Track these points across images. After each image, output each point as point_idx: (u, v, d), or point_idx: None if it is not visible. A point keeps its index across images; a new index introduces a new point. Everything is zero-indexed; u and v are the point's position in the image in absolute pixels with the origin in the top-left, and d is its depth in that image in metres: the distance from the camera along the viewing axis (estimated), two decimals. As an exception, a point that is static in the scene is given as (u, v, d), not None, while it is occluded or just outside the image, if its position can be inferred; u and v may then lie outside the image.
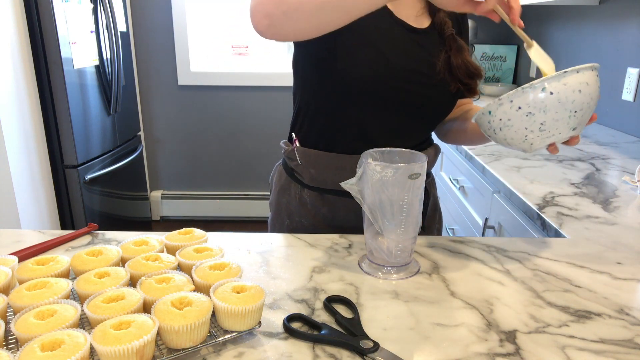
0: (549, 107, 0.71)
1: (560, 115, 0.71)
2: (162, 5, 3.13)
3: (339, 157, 0.94)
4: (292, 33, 0.74)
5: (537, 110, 0.71)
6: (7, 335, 0.59)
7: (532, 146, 0.76)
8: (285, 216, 1.03)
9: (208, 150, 3.41)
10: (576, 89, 0.71)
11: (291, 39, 0.77)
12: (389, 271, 0.77)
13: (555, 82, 0.71)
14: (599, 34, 2.10)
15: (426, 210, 1.04)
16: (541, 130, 0.73)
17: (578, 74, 0.71)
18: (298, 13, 0.70)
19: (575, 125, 0.73)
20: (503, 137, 0.77)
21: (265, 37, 0.76)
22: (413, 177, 0.72)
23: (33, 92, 2.21)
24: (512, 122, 0.74)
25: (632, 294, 0.73)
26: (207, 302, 0.59)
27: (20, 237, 0.89)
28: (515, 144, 0.77)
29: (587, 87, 0.71)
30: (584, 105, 0.72)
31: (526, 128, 0.73)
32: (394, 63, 0.88)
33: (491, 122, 0.76)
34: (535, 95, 0.71)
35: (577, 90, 0.71)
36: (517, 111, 0.73)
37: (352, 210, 0.96)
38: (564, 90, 0.70)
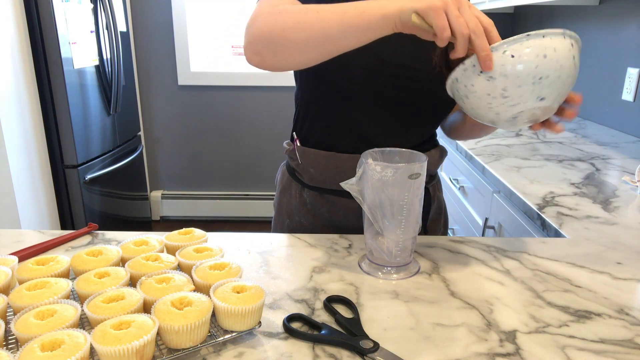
0: (509, 71, 0.66)
1: (523, 81, 0.66)
2: (162, 5, 3.13)
3: (338, 157, 0.94)
4: (282, 67, 0.79)
5: (498, 75, 0.66)
6: (7, 335, 0.59)
7: (498, 116, 0.71)
8: (285, 216, 1.04)
9: (208, 150, 3.41)
10: (540, 53, 0.65)
11: (282, 70, 0.81)
12: (389, 271, 0.77)
13: (516, 45, 0.66)
14: (599, 34, 2.10)
15: (428, 213, 1.02)
16: (504, 97, 0.68)
17: (544, 38, 0.66)
18: (285, 52, 0.74)
19: (543, 95, 0.68)
20: (470, 107, 0.73)
21: (260, 68, 0.81)
22: (413, 177, 0.72)
23: (33, 92, 2.21)
24: (475, 87, 0.69)
25: (632, 294, 0.73)
26: (207, 302, 0.59)
27: (20, 237, 0.89)
28: (482, 113, 0.72)
29: (554, 53, 0.66)
30: (550, 72, 0.66)
31: (488, 94, 0.69)
32: (386, 60, 0.87)
33: (459, 89, 0.72)
34: (496, 58, 0.66)
35: (541, 55, 0.65)
36: (479, 75, 0.68)
37: (351, 211, 0.96)
38: (526, 54, 0.65)
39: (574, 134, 1.88)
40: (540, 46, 0.65)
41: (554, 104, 0.71)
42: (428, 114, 0.97)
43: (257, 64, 0.80)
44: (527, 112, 0.71)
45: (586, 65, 2.20)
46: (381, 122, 0.93)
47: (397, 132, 0.94)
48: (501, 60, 0.66)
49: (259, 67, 0.81)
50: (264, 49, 0.76)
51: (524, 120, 0.72)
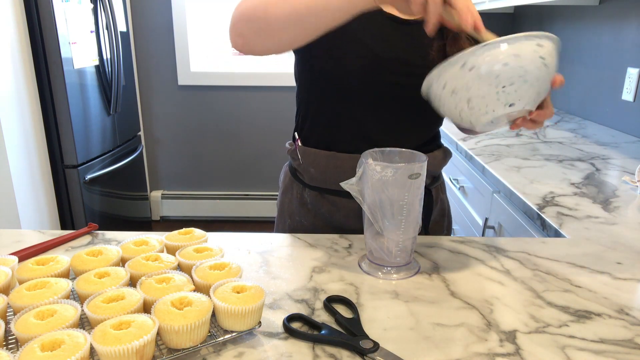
0: (470, 84, 0.65)
1: (486, 92, 0.65)
2: (162, 6, 3.13)
3: (338, 157, 0.94)
4: (265, 49, 0.78)
5: (460, 88, 0.66)
6: (7, 335, 0.59)
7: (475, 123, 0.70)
8: (287, 216, 1.04)
9: (208, 150, 3.41)
10: (500, 62, 0.63)
11: (266, 54, 0.80)
12: (389, 271, 0.77)
13: (472, 57, 0.64)
14: (599, 34, 2.10)
15: (430, 214, 1.01)
16: (470, 108, 0.67)
17: (502, 46, 0.64)
18: (268, 29, 0.74)
19: (511, 101, 0.66)
20: (447, 114, 0.72)
21: (243, 53, 0.81)
22: (413, 177, 0.72)
23: (33, 92, 2.21)
24: (443, 101, 0.69)
25: (632, 294, 0.73)
26: (207, 302, 0.59)
27: (20, 237, 0.89)
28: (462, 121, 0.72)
29: (516, 59, 0.64)
30: (514, 79, 0.64)
31: (455, 107, 0.69)
32: (382, 56, 0.87)
33: (431, 101, 0.72)
34: (455, 72, 0.65)
35: (501, 63, 0.64)
36: (443, 90, 0.68)
37: (351, 211, 0.96)
38: (484, 65, 0.64)
39: (574, 134, 1.88)
40: (498, 55, 0.64)
41: (527, 107, 0.69)
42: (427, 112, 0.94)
43: (240, 47, 0.78)
44: (501, 118, 0.70)
45: (586, 65, 2.20)
46: (380, 120, 0.92)
47: (397, 130, 0.94)
48: (460, 74, 0.65)
49: (242, 50, 0.79)
50: (247, 29, 0.75)
51: (501, 124, 0.72)
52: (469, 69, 0.65)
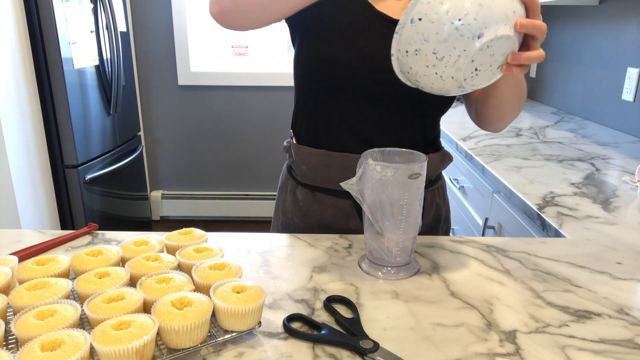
0: (426, 33, 0.61)
1: (445, 33, 0.60)
2: (162, 5, 3.13)
3: (329, 155, 0.94)
4: (241, 15, 0.80)
5: (420, 43, 0.62)
6: (7, 335, 0.59)
7: (461, 78, 0.64)
8: (280, 213, 1.05)
9: (208, 150, 3.41)
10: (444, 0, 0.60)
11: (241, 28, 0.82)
12: (389, 271, 0.77)
13: (415, 9, 0.62)
14: (599, 34, 2.10)
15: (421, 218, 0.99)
16: (441, 59, 0.62)
17: None
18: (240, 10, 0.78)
19: (476, 31, 0.60)
20: (430, 87, 0.68)
21: (221, 25, 0.83)
22: (413, 177, 0.72)
23: (33, 92, 2.21)
24: (415, 69, 0.65)
25: (632, 294, 0.73)
26: (207, 302, 0.59)
27: (20, 237, 0.89)
28: (446, 85, 0.66)
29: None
30: (468, 7, 0.60)
31: (427, 66, 0.64)
32: (368, 54, 0.86)
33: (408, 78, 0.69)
34: (407, 32, 0.62)
35: (446, 1, 0.60)
36: (407, 56, 0.64)
37: (339, 210, 0.96)
38: (429, 9, 0.61)
39: (574, 134, 1.88)
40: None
41: (500, 32, 0.61)
42: (418, 110, 0.93)
43: (216, 15, 0.81)
44: (481, 59, 0.63)
45: (586, 65, 2.20)
46: (369, 119, 0.92)
47: (388, 129, 0.93)
48: (413, 31, 0.62)
49: (219, 20, 0.82)
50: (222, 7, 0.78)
51: (489, 72, 0.65)
52: (418, 20, 0.62)
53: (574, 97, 2.31)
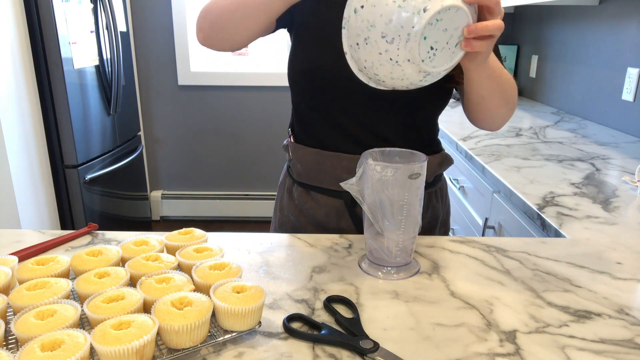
0: (370, 18, 0.60)
1: (389, 13, 0.58)
2: (162, 5, 3.13)
3: (322, 154, 0.94)
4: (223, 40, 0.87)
5: (367, 30, 0.60)
6: (7, 335, 0.59)
7: (418, 60, 0.60)
8: (278, 210, 1.06)
9: (208, 150, 3.41)
10: None
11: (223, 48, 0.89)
12: (389, 271, 0.77)
13: (352, 3, 0.61)
14: (599, 34, 2.10)
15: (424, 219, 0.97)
16: (391, 42, 0.59)
17: None
18: (219, 24, 0.84)
19: (419, 6, 0.57)
20: (390, 78, 0.64)
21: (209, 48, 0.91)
22: (413, 177, 0.72)
23: (33, 92, 2.21)
24: (369, 59, 0.63)
25: (632, 294, 0.73)
26: (207, 302, 0.59)
27: (20, 237, 0.89)
28: (406, 74, 0.63)
29: None
30: None
31: (380, 54, 0.61)
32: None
33: (367, 75, 0.67)
34: (353, 24, 0.61)
35: None
36: (359, 48, 0.63)
37: (332, 209, 0.96)
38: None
39: (574, 134, 1.89)
40: None
41: (446, 2, 0.58)
42: (408, 112, 0.92)
43: (202, 41, 0.88)
44: (434, 36, 0.60)
45: (586, 65, 2.20)
46: (358, 121, 0.92)
47: (378, 131, 0.93)
48: (357, 20, 0.61)
49: (204, 44, 0.89)
50: (204, 24, 0.85)
51: (446, 46, 0.62)
52: (361, 7, 0.60)
53: (574, 97, 2.31)
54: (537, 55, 2.69)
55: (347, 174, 0.91)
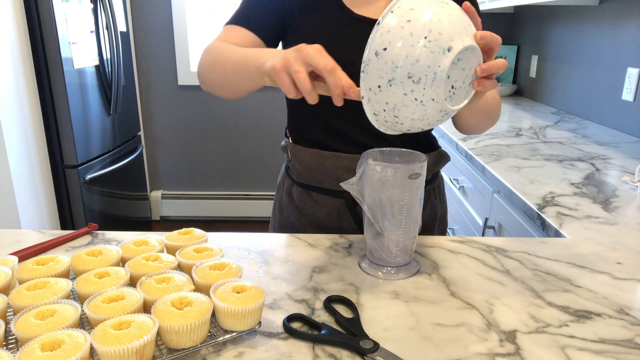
0: (395, 60, 0.60)
1: (416, 55, 0.59)
2: (162, 5, 3.13)
3: (322, 155, 0.94)
4: (222, 96, 0.90)
5: (391, 72, 0.61)
6: (7, 335, 0.59)
7: (440, 100, 0.62)
8: (277, 211, 1.06)
9: (208, 150, 3.41)
10: (403, 21, 0.60)
11: (228, 98, 0.92)
12: (389, 271, 0.77)
13: (376, 40, 0.61)
14: (599, 34, 2.10)
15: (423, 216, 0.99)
16: (417, 82, 0.60)
17: (389, 15, 0.61)
18: (214, 86, 0.88)
19: (444, 45, 0.60)
20: (410, 119, 0.65)
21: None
22: (413, 177, 0.72)
23: (33, 92, 2.21)
24: (391, 101, 0.63)
25: (632, 294, 0.73)
26: (207, 302, 0.59)
27: (20, 237, 0.89)
28: (427, 114, 0.64)
29: (413, 11, 0.61)
30: (429, 24, 0.60)
31: (405, 94, 0.62)
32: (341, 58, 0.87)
33: (384, 118, 0.66)
34: (375, 65, 0.61)
35: (404, 21, 0.60)
36: (380, 91, 0.63)
37: (333, 209, 0.96)
38: (392, 37, 0.60)
39: (574, 134, 1.88)
40: (396, 19, 0.61)
41: (466, 42, 0.61)
42: None
43: (206, 90, 0.93)
44: (455, 75, 0.62)
45: (586, 65, 2.20)
46: (353, 122, 0.92)
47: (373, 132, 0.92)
48: (381, 62, 0.61)
49: (209, 92, 0.94)
50: (203, 81, 0.90)
51: (462, 85, 0.64)
52: (383, 50, 0.61)
53: (574, 97, 2.31)
54: (537, 55, 2.69)
55: (348, 174, 0.91)
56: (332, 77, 0.63)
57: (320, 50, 0.65)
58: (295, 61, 0.64)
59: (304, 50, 0.64)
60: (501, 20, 3.03)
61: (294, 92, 0.66)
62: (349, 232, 0.95)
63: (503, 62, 0.65)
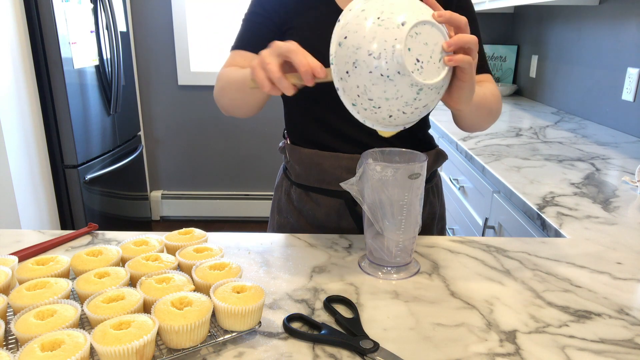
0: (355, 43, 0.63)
1: (372, 32, 0.62)
2: (162, 5, 3.13)
3: (320, 155, 0.94)
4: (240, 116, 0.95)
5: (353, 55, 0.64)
6: (7, 335, 0.59)
7: (407, 72, 0.62)
8: (276, 212, 1.06)
9: (208, 150, 3.41)
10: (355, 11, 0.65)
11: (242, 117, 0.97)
12: (389, 271, 0.77)
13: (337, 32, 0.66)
14: (599, 34, 2.10)
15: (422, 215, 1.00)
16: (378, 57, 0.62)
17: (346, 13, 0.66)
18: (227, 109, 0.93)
19: (397, 21, 0.62)
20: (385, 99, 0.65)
21: None
22: (413, 177, 0.72)
23: (33, 92, 2.21)
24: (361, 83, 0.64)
25: (632, 294, 0.73)
26: (207, 302, 0.59)
27: (20, 237, 0.89)
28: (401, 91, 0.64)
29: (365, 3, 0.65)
30: (382, 7, 0.63)
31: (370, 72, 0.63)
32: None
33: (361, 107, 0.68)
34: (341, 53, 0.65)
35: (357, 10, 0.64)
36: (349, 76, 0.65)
37: (332, 209, 0.96)
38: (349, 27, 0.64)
39: (574, 134, 1.88)
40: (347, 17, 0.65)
41: (421, 17, 0.63)
42: None
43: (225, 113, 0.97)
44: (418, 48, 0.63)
45: (586, 65, 2.20)
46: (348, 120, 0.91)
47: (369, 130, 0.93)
48: (344, 49, 0.64)
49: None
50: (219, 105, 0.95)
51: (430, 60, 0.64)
52: (344, 38, 0.65)
53: (574, 97, 2.31)
54: (537, 55, 2.69)
55: (347, 174, 0.91)
56: (296, 56, 0.65)
57: (291, 42, 0.68)
58: (267, 56, 0.68)
59: (275, 45, 0.68)
60: (501, 20, 3.03)
61: (268, 85, 0.68)
62: (349, 232, 0.95)
63: (470, 36, 0.65)
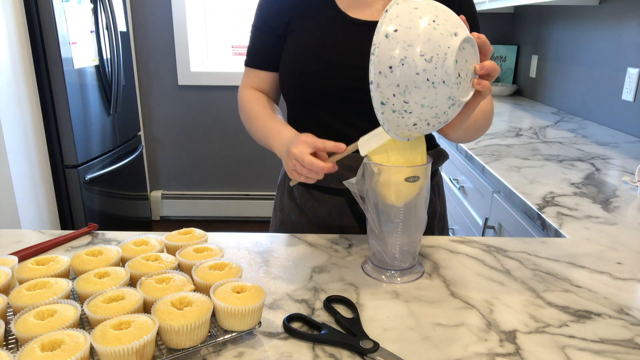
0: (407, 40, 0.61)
1: (427, 34, 0.61)
2: (162, 5, 3.13)
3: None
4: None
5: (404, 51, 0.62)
6: (7, 335, 0.59)
7: (450, 83, 0.62)
8: (278, 210, 1.06)
9: (208, 150, 3.40)
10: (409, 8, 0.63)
11: None
12: (392, 274, 0.77)
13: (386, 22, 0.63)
14: (599, 34, 2.10)
15: None
16: (430, 60, 0.61)
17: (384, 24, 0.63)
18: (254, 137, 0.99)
19: (451, 30, 0.62)
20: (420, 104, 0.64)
21: None
22: (410, 180, 0.71)
23: (33, 92, 2.21)
24: (402, 82, 0.63)
25: (632, 294, 0.73)
26: (207, 302, 0.59)
27: (20, 237, 0.89)
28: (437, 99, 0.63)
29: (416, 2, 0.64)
30: (435, 13, 0.62)
31: (417, 73, 0.62)
32: (332, 61, 0.89)
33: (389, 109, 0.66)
34: (388, 46, 0.62)
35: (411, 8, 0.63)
36: (391, 72, 0.63)
37: (334, 206, 0.97)
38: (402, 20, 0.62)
39: (574, 134, 1.88)
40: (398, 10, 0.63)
41: (468, 33, 0.63)
42: None
43: None
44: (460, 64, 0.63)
45: (586, 65, 2.20)
46: (349, 123, 0.93)
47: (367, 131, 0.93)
48: (393, 42, 0.62)
49: None
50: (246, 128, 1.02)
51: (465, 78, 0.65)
52: (394, 32, 0.62)
53: (574, 97, 2.31)
54: (537, 55, 2.69)
55: (349, 172, 0.91)
56: (323, 145, 0.77)
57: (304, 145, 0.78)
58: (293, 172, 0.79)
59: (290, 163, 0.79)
60: (501, 20, 3.03)
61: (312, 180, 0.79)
62: (350, 230, 0.96)
63: (498, 67, 0.67)
